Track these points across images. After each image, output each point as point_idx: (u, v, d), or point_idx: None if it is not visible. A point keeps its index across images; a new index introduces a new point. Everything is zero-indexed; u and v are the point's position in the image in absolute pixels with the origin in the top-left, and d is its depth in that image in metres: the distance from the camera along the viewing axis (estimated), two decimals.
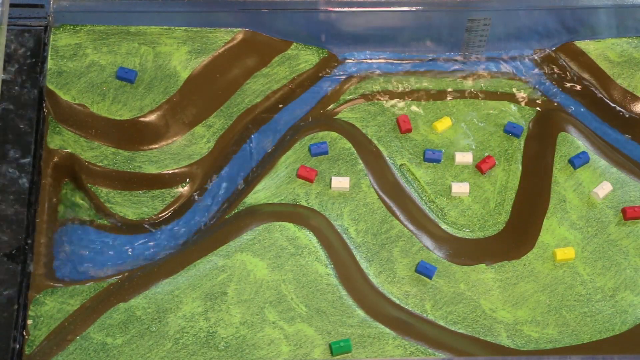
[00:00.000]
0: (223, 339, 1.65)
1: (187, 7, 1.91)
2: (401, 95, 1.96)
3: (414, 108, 1.95)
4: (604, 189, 1.84)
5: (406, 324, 1.70)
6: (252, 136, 1.91)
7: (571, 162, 1.87)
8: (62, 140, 1.82)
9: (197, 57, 1.90)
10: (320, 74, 1.97)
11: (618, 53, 1.99)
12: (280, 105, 1.94)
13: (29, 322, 1.65)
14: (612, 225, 1.82)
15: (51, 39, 1.88)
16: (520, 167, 1.90)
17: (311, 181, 1.83)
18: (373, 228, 1.80)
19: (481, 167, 1.88)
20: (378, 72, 1.99)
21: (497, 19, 1.96)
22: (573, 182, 1.86)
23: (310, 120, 1.93)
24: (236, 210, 1.80)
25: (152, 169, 1.83)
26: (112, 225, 1.81)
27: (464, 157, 1.88)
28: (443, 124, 1.92)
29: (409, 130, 1.91)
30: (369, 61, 2.00)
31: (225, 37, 1.93)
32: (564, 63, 2.01)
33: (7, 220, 1.68)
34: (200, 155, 1.86)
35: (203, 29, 1.93)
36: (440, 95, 1.97)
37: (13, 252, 1.66)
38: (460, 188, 1.86)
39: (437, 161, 1.88)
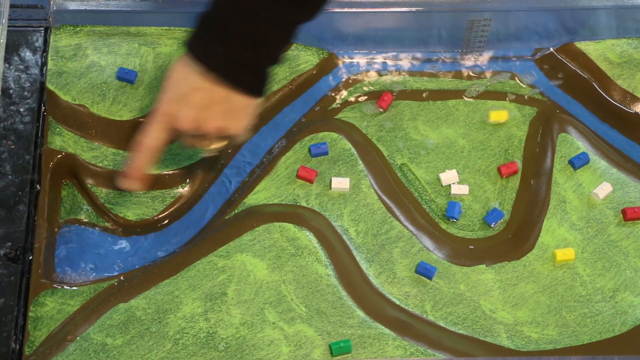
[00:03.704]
0: (223, 340, 1.65)
1: (188, 8, 1.91)
2: (401, 96, 1.96)
3: (414, 108, 1.95)
4: (604, 190, 1.84)
5: (406, 325, 1.70)
6: (252, 137, 1.91)
7: (571, 162, 1.87)
8: (62, 141, 1.82)
9: None
10: (320, 74, 1.97)
11: (618, 54, 1.99)
12: (281, 106, 1.94)
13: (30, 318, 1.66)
14: (612, 226, 1.82)
15: (51, 40, 1.88)
16: (521, 167, 1.90)
17: (311, 182, 1.83)
18: (373, 229, 1.80)
19: (501, 169, 1.88)
20: (378, 72, 1.99)
21: (497, 19, 1.96)
22: (573, 183, 1.86)
23: (310, 120, 1.93)
24: (236, 211, 1.80)
25: (152, 170, 1.83)
26: (112, 226, 1.81)
27: (460, 189, 1.87)
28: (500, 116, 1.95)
29: (385, 108, 1.92)
30: (369, 61, 2.00)
31: None
32: (564, 64, 2.00)
33: (7, 221, 1.68)
34: (200, 156, 1.85)
35: None
36: (440, 95, 1.97)
37: (13, 252, 1.66)
38: (460, 189, 1.86)
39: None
